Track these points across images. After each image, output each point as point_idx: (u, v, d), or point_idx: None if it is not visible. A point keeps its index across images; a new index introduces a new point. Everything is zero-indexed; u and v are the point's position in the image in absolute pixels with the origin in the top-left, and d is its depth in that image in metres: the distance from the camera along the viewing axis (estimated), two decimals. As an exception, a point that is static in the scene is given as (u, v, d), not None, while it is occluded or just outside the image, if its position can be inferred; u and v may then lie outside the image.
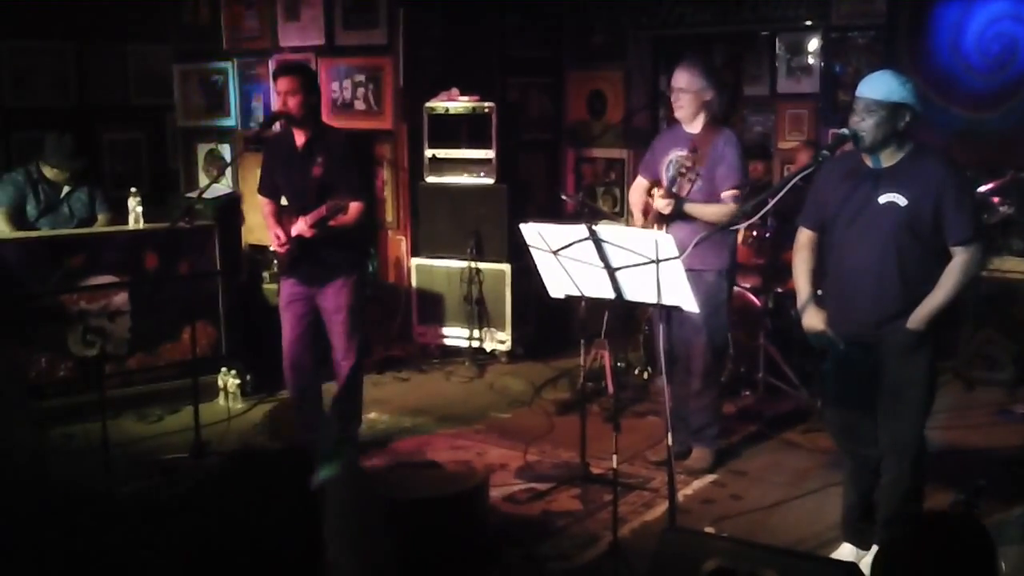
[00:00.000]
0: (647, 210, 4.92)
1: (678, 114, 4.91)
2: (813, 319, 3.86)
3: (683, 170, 4.73)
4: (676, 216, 4.74)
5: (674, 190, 4.78)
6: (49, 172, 6.07)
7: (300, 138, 4.94)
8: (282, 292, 5.14)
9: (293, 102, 4.83)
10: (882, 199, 3.64)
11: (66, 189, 6.14)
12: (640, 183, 5.06)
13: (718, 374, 5.13)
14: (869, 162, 3.70)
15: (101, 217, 6.24)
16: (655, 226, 4.77)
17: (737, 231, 5.04)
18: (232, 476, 1.68)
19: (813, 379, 5.82)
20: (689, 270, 4.68)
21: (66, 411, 5.49)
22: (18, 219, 5.99)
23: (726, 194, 4.76)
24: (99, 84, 8.05)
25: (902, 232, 3.62)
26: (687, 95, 4.83)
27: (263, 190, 5.16)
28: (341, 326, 5.04)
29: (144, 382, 5.92)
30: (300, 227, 4.85)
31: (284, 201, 5.16)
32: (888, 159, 3.66)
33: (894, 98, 3.58)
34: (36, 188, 6.07)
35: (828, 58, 7.26)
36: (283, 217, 5.05)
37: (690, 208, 4.72)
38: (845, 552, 3.97)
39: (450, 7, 7.31)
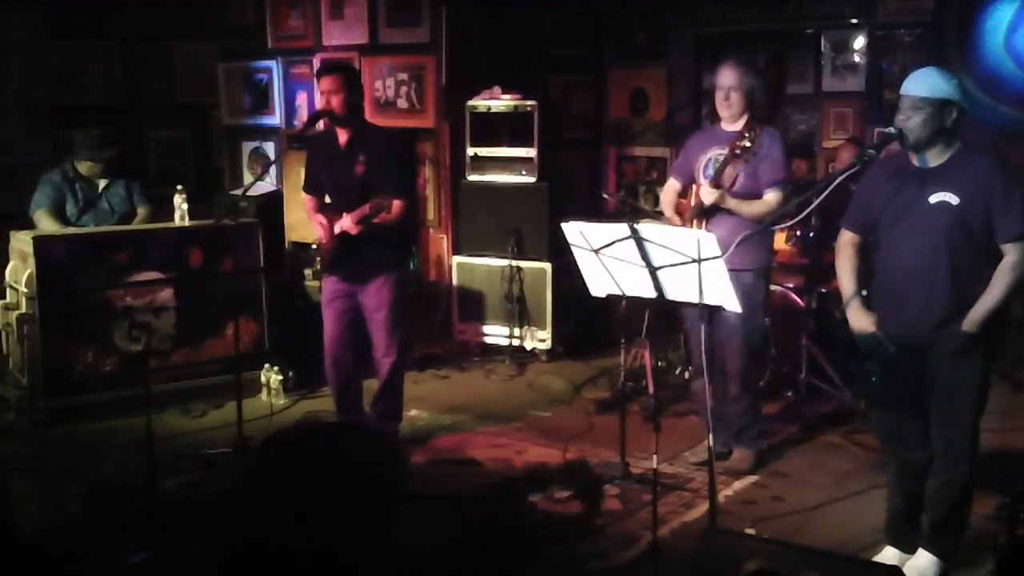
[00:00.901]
0: (680, 210, 4.90)
1: (726, 112, 4.86)
2: (861, 320, 3.82)
3: (737, 151, 4.65)
4: (715, 213, 4.71)
5: (719, 181, 4.73)
6: (83, 167, 6.08)
7: (343, 137, 4.98)
8: (324, 289, 5.19)
9: (336, 101, 4.86)
10: (932, 199, 3.60)
11: (102, 184, 6.14)
12: (672, 185, 5.04)
13: (757, 375, 5.08)
14: (916, 161, 3.67)
15: (141, 211, 6.24)
16: (694, 224, 4.75)
17: (774, 230, 4.99)
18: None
19: (856, 380, 5.77)
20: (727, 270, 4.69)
21: (111, 405, 5.57)
22: (60, 219, 6.01)
23: (769, 191, 4.72)
24: (145, 82, 8.16)
25: (954, 232, 3.58)
26: (737, 93, 4.80)
27: (307, 187, 5.21)
28: (382, 323, 5.07)
29: (188, 377, 5.99)
30: (345, 224, 4.88)
31: (327, 199, 5.20)
32: (936, 158, 3.63)
33: (940, 95, 3.54)
34: (73, 187, 6.08)
35: (874, 56, 7.19)
36: (326, 214, 5.08)
37: (733, 203, 4.69)
38: (888, 556, 3.93)
39: (492, 5, 7.31)
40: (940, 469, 3.76)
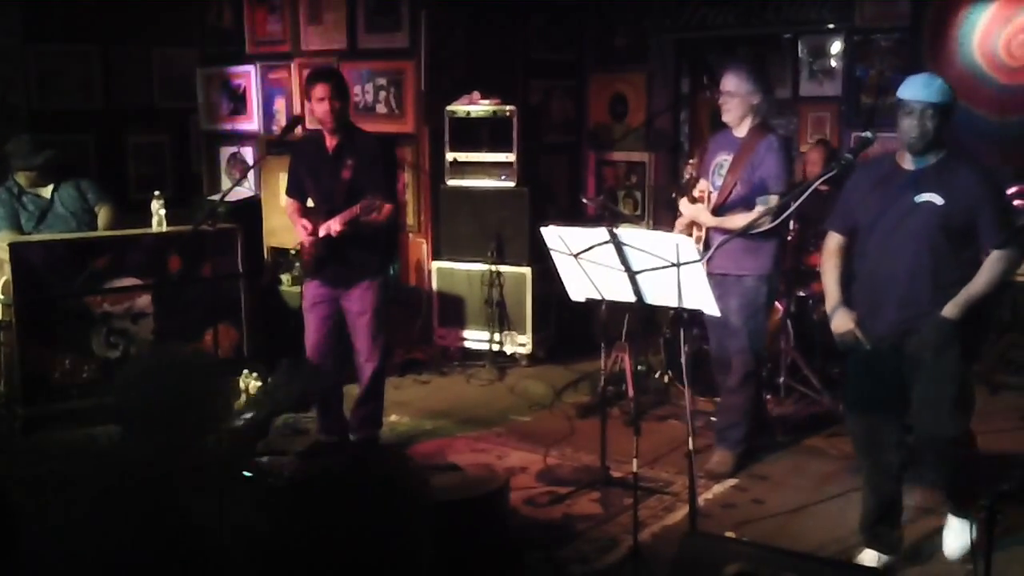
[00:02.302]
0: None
1: (725, 118, 4.91)
2: (843, 320, 3.86)
3: (688, 175, 4.86)
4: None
5: (694, 197, 4.82)
6: (23, 179, 5.88)
7: (331, 141, 4.97)
8: (306, 294, 5.16)
9: (328, 107, 4.85)
10: (918, 199, 3.68)
11: (50, 189, 5.94)
12: (701, 184, 5.02)
13: (755, 377, 5.10)
14: (908, 164, 3.74)
15: (103, 210, 6.04)
16: (695, 228, 4.85)
17: (781, 236, 5.01)
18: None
19: (836, 384, 5.79)
20: (727, 275, 4.74)
21: (89, 412, 5.53)
22: (20, 235, 5.83)
23: (759, 199, 4.74)
24: (124, 87, 8.11)
25: (936, 232, 3.66)
26: (735, 99, 4.84)
27: (291, 191, 5.20)
28: (365, 328, 5.05)
29: (167, 384, 5.94)
30: (330, 225, 4.85)
31: (310, 203, 5.19)
32: (924, 160, 3.71)
33: (943, 99, 3.64)
34: (22, 200, 5.89)
35: (851, 61, 7.23)
36: (308, 218, 5.07)
37: (712, 222, 4.76)
38: (867, 557, 3.95)
39: (472, 10, 7.32)
40: (927, 444, 3.83)
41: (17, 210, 5.91)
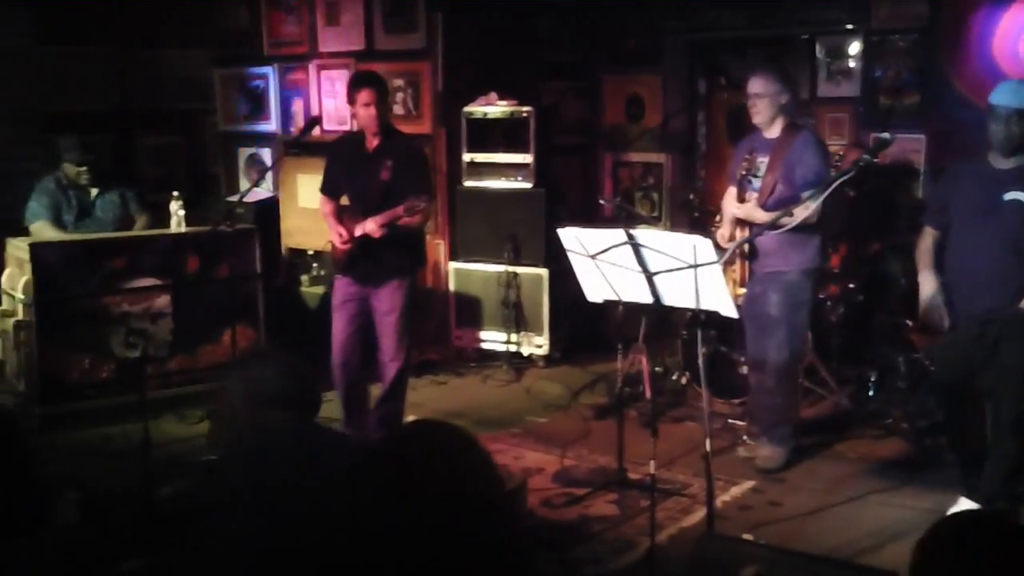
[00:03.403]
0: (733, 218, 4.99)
1: (756, 120, 4.92)
2: (929, 284, 4.19)
3: (742, 172, 4.84)
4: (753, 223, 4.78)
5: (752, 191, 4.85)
6: (72, 171, 6.02)
7: (371, 143, 5.06)
8: (336, 291, 5.22)
9: (373, 112, 4.94)
10: (1006, 197, 3.97)
11: (95, 192, 6.10)
12: (729, 192, 5.04)
13: (795, 373, 5.10)
14: (997, 164, 4.04)
15: (140, 219, 6.22)
16: (739, 231, 4.86)
17: (824, 231, 5.00)
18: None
19: (852, 386, 5.78)
20: (773, 271, 4.76)
21: (107, 412, 5.56)
22: (58, 227, 5.98)
23: (805, 195, 4.70)
24: (138, 88, 8.14)
25: (1021, 228, 3.96)
26: (763, 100, 4.85)
27: (326, 189, 5.26)
28: (392, 327, 5.10)
29: (184, 384, 5.98)
30: (369, 226, 4.91)
31: (344, 201, 5.26)
32: (1013, 161, 4.01)
33: None
34: (67, 193, 6.04)
35: (868, 61, 7.20)
36: (343, 217, 5.15)
37: (765, 217, 4.72)
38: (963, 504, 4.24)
39: (487, 12, 7.32)
40: (999, 440, 4.10)
41: (61, 202, 6.01)
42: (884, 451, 5.23)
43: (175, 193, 6.13)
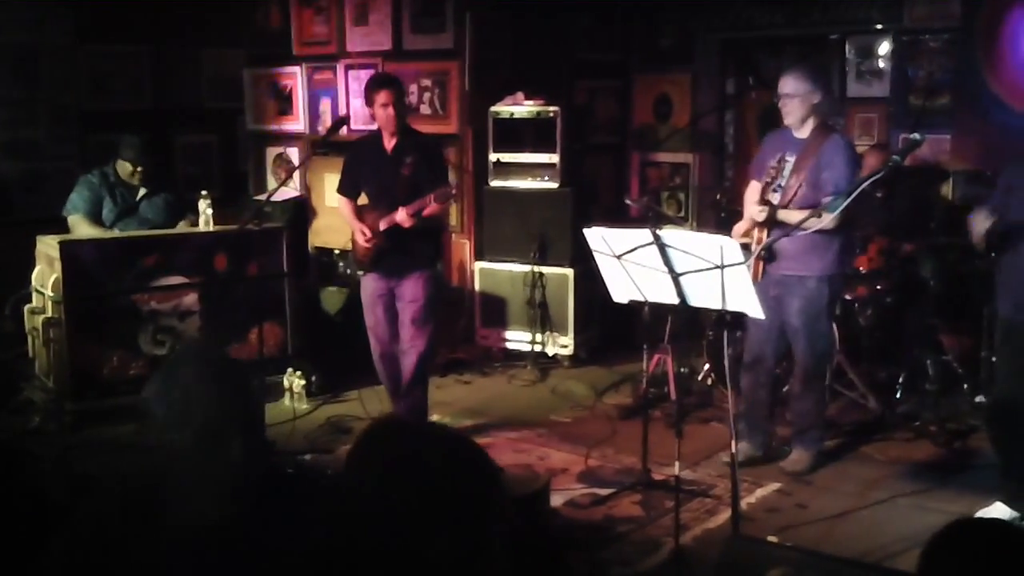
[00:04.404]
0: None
1: (788, 120, 4.84)
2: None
3: (768, 179, 4.73)
4: (775, 223, 4.70)
5: (772, 196, 4.75)
6: (124, 171, 6.06)
7: (389, 142, 5.18)
8: (365, 288, 5.32)
9: (392, 112, 5.08)
10: None
11: (141, 192, 6.14)
12: (753, 186, 4.96)
13: (821, 378, 5.06)
14: None
15: (184, 222, 6.23)
16: (756, 231, 4.76)
17: (847, 236, 4.94)
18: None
19: (882, 388, 5.73)
20: (791, 275, 4.70)
21: (136, 409, 5.59)
22: (96, 223, 6.01)
23: (826, 199, 4.66)
24: (173, 87, 8.21)
25: None
26: (794, 100, 4.78)
27: (343, 190, 5.36)
28: (413, 314, 5.21)
29: (212, 381, 6.00)
30: (400, 216, 5.04)
31: (363, 200, 5.36)
32: None
33: None
34: (113, 191, 6.07)
35: (900, 61, 7.13)
36: (363, 215, 5.25)
37: (782, 215, 4.67)
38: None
39: (518, 11, 7.31)
40: None
41: (103, 198, 6.06)
42: (914, 454, 5.19)
43: (203, 192, 6.16)
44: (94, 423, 5.56)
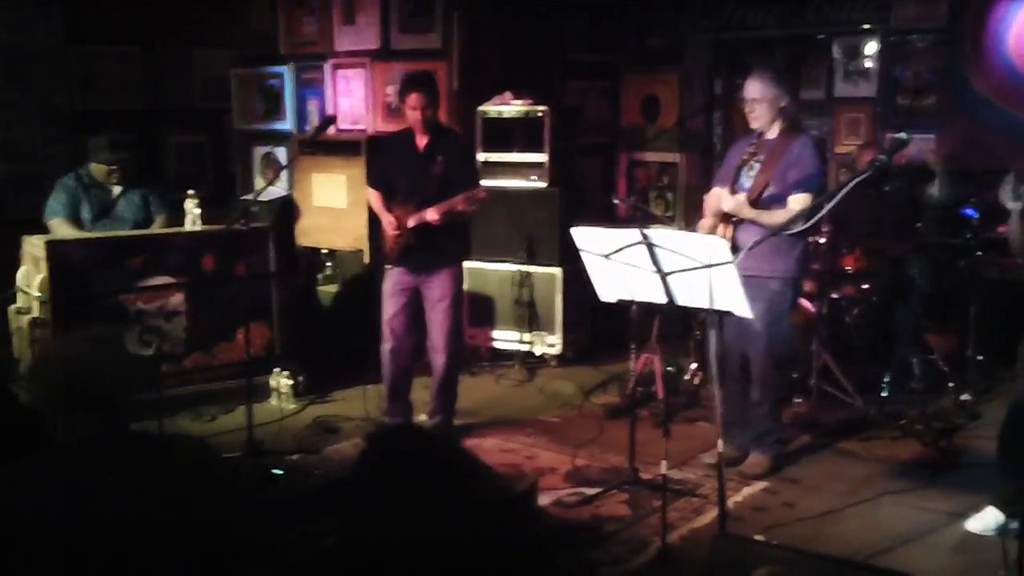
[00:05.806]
0: (717, 213, 4.87)
1: (754, 125, 4.83)
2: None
3: (743, 161, 4.72)
4: (742, 219, 4.69)
5: (741, 189, 4.74)
6: (97, 172, 6.02)
7: (421, 140, 5.25)
8: (388, 280, 5.37)
9: (425, 113, 5.14)
10: None
11: (117, 191, 6.09)
12: (714, 192, 4.92)
13: (777, 382, 5.04)
14: None
15: (159, 219, 6.21)
16: (722, 227, 4.74)
17: (807, 238, 4.94)
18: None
19: (868, 387, 5.75)
20: (753, 276, 4.68)
21: (124, 409, 5.57)
22: (75, 225, 5.97)
23: (792, 197, 4.68)
24: (165, 88, 8.19)
25: None
26: (761, 105, 4.77)
27: (374, 183, 5.47)
28: (443, 314, 5.28)
29: (199, 382, 5.99)
30: (430, 215, 5.09)
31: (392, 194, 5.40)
32: None
33: None
34: (88, 192, 6.03)
35: (888, 61, 7.16)
36: (393, 208, 5.30)
37: (752, 213, 4.67)
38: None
39: (509, 11, 7.31)
40: None
41: (80, 201, 6.04)
42: (900, 453, 5.20)
43: (190, 192, 6.14)
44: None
